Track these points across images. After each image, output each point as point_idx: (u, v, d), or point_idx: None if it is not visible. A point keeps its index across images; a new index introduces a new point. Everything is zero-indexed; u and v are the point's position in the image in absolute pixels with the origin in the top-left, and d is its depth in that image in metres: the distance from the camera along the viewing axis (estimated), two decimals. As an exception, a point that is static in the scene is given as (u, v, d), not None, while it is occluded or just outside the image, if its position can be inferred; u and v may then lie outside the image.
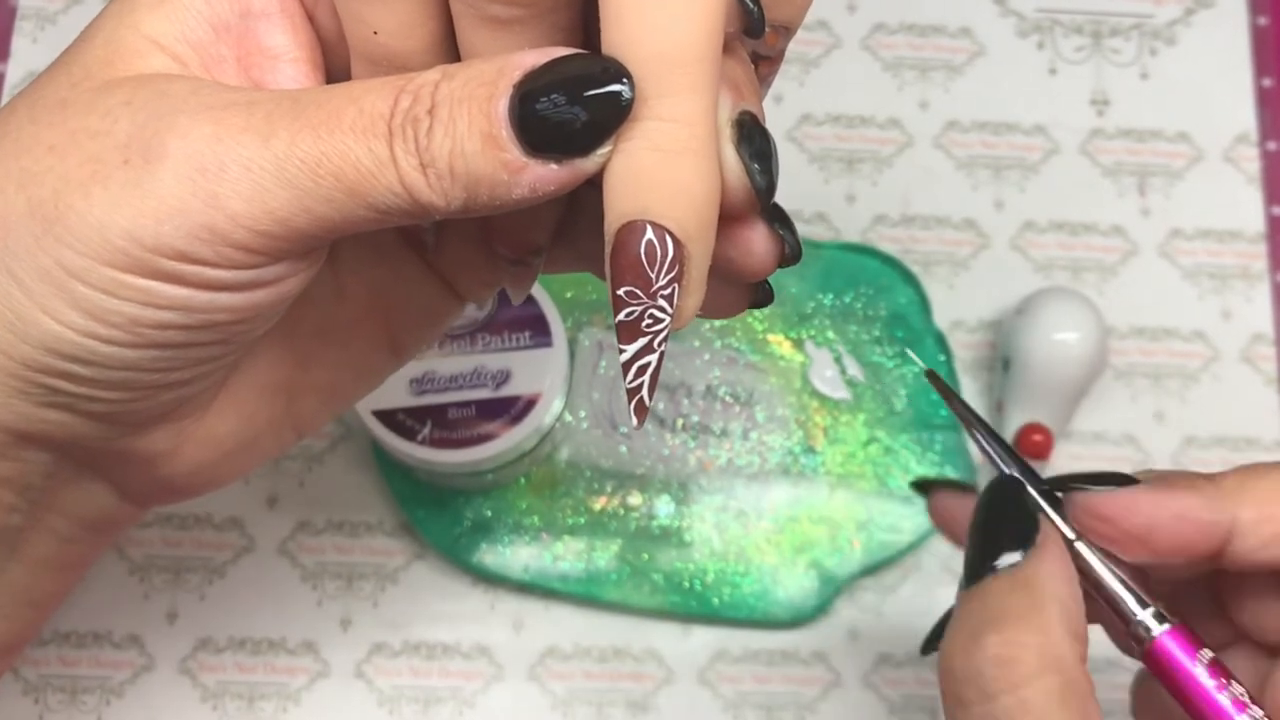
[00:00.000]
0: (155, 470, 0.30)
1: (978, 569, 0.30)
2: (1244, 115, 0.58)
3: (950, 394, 0.34)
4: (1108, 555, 0.31)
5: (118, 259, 0.25)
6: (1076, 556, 0.31)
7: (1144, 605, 0.31)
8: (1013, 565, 0.30)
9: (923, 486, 0.37)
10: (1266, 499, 0.31)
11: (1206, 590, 0.34)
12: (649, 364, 0.25)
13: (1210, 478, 0.31)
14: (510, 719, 0.50)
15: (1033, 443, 0.50)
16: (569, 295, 0.53)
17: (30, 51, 0.57)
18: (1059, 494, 0.32)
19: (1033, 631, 0.28)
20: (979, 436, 0.33)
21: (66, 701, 0.49)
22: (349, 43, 0.27)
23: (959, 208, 0.56)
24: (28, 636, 0.34)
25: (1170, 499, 0.31)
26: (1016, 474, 0.32)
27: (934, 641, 0.34)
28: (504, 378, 0.47)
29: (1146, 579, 0.32)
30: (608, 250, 0.25)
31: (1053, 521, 0.31)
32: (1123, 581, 0.31)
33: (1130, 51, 0.59)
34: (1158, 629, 0.31)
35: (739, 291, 0.29)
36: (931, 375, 0.34)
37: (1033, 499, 0.32)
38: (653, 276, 0.24)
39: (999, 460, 0.33)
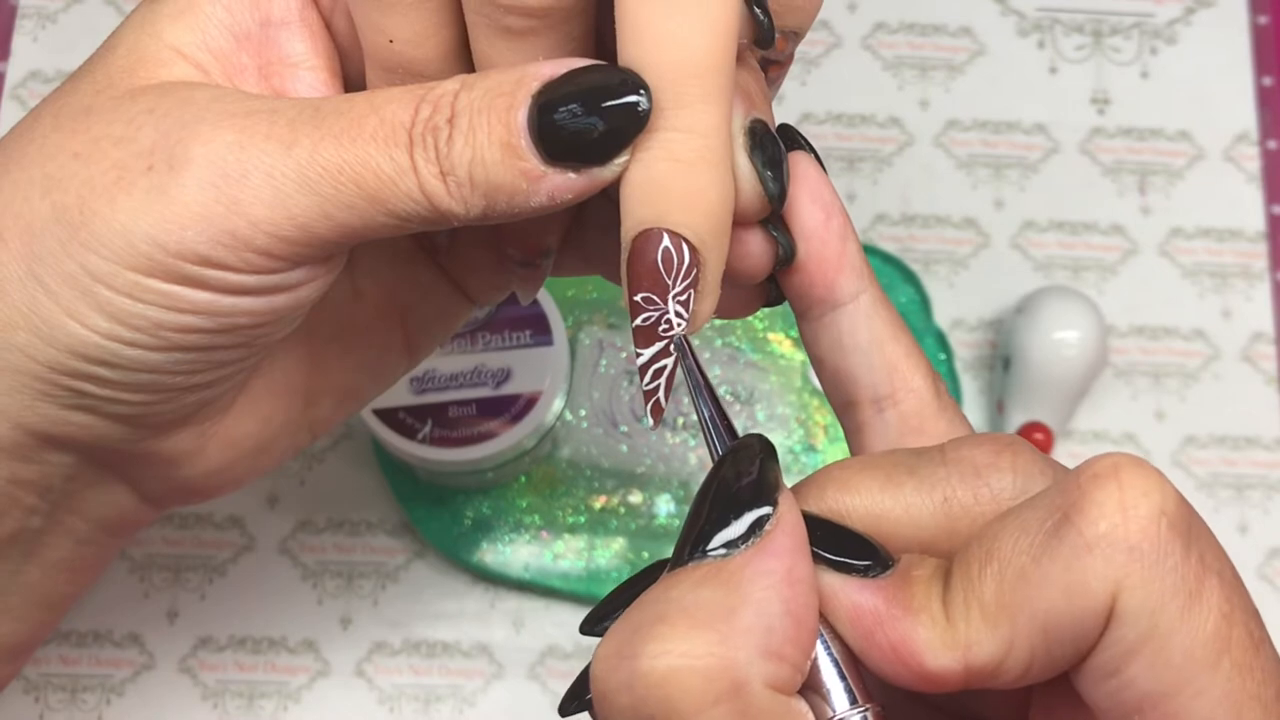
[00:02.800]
0: (175, 472, 0.31)
1: (686, 551, 0.23)
2: (1244, 114, 0.58)
3: (693, 361, 0.26)
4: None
5: (141, 264, 0.26)
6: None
7: (853, 702, 0.23)
8: (723, 552, 0.22)
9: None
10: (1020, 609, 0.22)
11: None
12: (665, 367, 0.26)
13: (945, 589, 0.23)
14: (510, 718, 0.50)
15: (1033, 441, 0.51)
16: (570, 294, 0.53)
17: (31, 50, 0.57)
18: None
19: (709, 642, 0.21)
20: (703, 410, 0.26)
21: (67, 700, 0.49)
22: (365, 50, 0.28)
23: (959, 207, 0.56)
24: (40, 638, 0.34)
25: (894, 624, 0.23)
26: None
27: (591, 622, 0.26)
28: (504, 376, 0.47)
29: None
30: (624, 257, 0.25)
31: (806, 515, 0.23)
32: (834, 660, 0.23)
33: (1131, 50, 0.59)
34: None
35: (752, 291, 0.29)
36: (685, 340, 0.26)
37: (777, 470, 0.23)
38: (669, 283, 0.25)
39: (714, 442, 0.25)
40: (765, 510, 0.22)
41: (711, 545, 0.22)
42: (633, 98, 0.24)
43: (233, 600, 0.50)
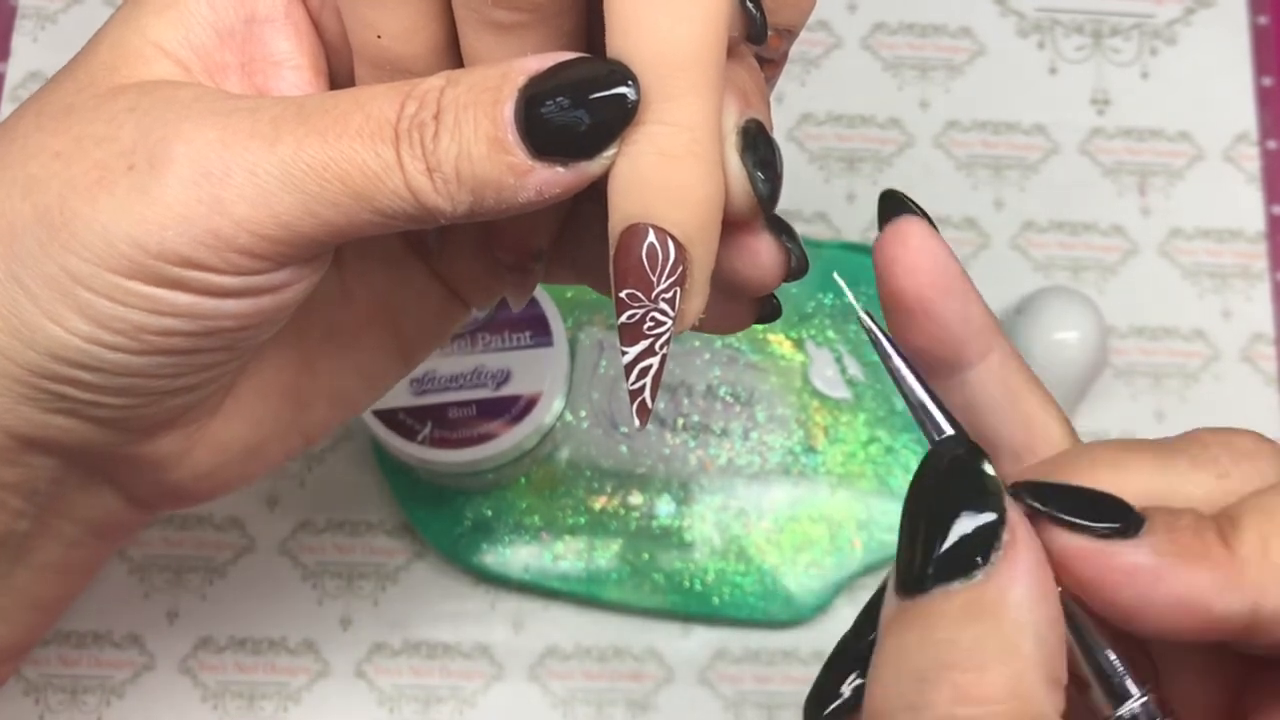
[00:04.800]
0: (163, 475, 0.30)
1: (916, 572, 0.22)
2: (1244, 114, 0.58)
3: (887, 344, 0.26)
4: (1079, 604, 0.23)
5: (123, 265, 0.25)
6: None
7: (1133, 690, 0.23)
8: (969, 577, 0.21)
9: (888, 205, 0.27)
10: None
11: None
12: (651, 366, 0.25)
13: (1225, 537, 0.23)
14: (510, 719, 0.50)
15: (1033, 442, 0.51)
16: (569, 295, 0.53)
17: (30, 51, 0.57)
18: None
19: (1004, 683, 0.20)
20: (913, 395, 0.25)
21: (67, 701, 0.49)
22: (353, 46, 0.28)
23: (959, 207, 0.56)
24: (33, 641, 0.34)
25: (1175, 574, 0.22)
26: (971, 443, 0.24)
27: (825, 695, 0.25)
28: (504, 377, 0.47)
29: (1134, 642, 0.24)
30: (611, 252, 0.25)
31: (1025, 514, 0.23)
32: (1100, 651, 0.23)
33: (1130, 51, 0.59)
34: None
35: (746, 306, 0.29)
36: (869, 316, 0.26)
37: (995, 478, 0.23)
38: (654, 279, 0.24)
39: (934, 429, 0.24)
40: (993, 517, 0.22)
41: (947, 568, 0.22)
42: (620, 89, 0.24)
43: (233, 601, 0.50)
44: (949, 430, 0.24)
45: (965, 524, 0.22)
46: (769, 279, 0.27)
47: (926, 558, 0.22)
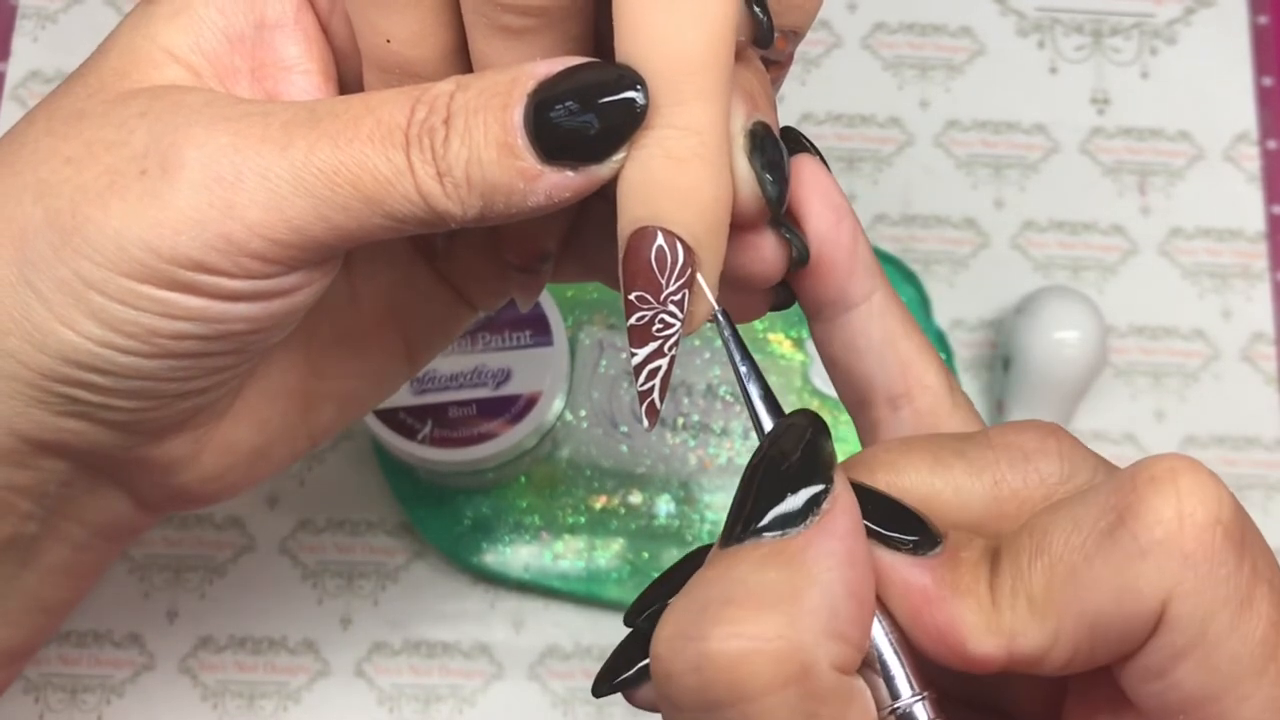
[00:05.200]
0: (171, 478, 0.30)
1: (738, 528, 0.22)
2: (1244, 114, 0.58)
3: (738, 343, 0.26)
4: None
5: (135, 270, 0.25)
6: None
7: (911, 687, 0.23)
8: (784, 534, 0.22)
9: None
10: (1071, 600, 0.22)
11: None
12: (660, 368, 0.25)
13: (990, 576, 0.23)
14: (510, 718, 0.50)
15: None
16: (570, 294, 0.53)
17: (31, 51, 0.57)
18: None
19: (778, 625, 0.21)
20: (752, 394, 0.26)
21: (67, 700, 0.49)
22: (362, 51, 0.28)
23: (959, 207, 0.56)
24: (39, 643, 0.34)
25: (942, 606, 0.23)
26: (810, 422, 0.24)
27: (620, 661, 0.26)
28: (504, 376, 0.47)
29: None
30: (620, 255, 0.25)
31: (854, 486, 0.23)
32: (894, 647, 0.23)
33: (1130, 50, 0.59)
34: None
35: (759, 295, 0.29)
36: (725, 314, 0.26)
37: (831, 446, 0.23)
38: (663, 282, 0.25)
39: (760, 420, 0.25)
40: (820, 487, 0.22)
41: (766, 523, 0.22)
42: (629, 94, 0.24)
43: (233, 600, 0.50)
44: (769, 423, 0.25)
45: (798, 490, 0.22)
46: (772, 272, 0.27)
47: (752, 515, 0.22)
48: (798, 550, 0.22)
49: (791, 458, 0.23)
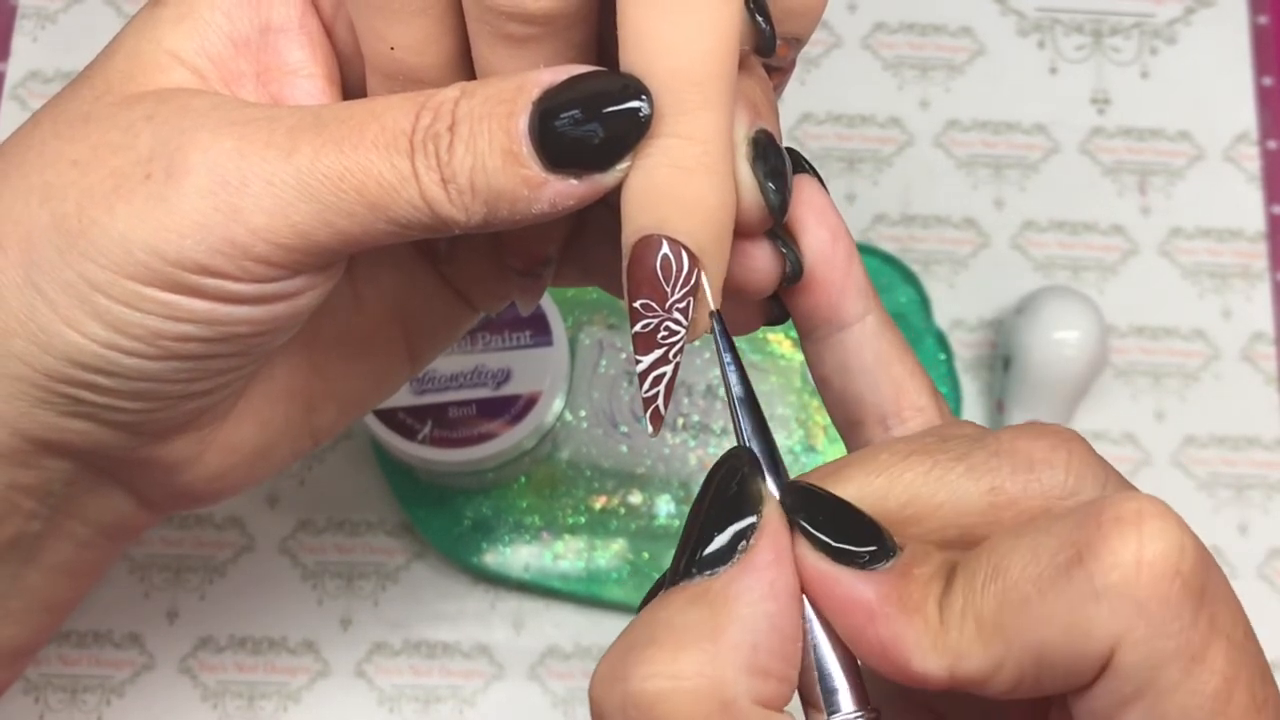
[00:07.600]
0: (175, 478, 0.31)
1: (678, 569, 0.23)
2: (1244, 114, 0.58)
3: (728, 345, 0.26)
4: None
5: (140, 272, 0.25)
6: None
7: (841, 707, 0.23)
8: (713, 573, 0.22)
9: None
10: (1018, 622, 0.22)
11: None
12: (664, 374, 0.25)
13: (943, 593, 0.23)
14: (510, 718, 0.50)
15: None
16: (569, 294, 0.53)
17: (30, 50, 0.57)
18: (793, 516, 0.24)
19: (697, 663, 0.21)
20: (733, 403, 0.26)
21: (67, 701, 0.49)
22: (365, 58, 0.28)
23: (959, 207, 0.56)
24: (41, 641, 0.34)
25: (887, 622, 0.23)
26: (755, 449, 0.25)
27: None
28: (504, 377, 0.47)
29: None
30: (625, 263, 0.25)
31: (813, 494, 0.24)
32: (841, 659, 0.23)
33: (1131, 50, 0.59)
34: None
35: (751, 309, 0.29)
36: (717, 316, 0.26)
37: (760, 483, 0.24)
38: (668, 290, 0.25)
39: (742, 434, 0.25)
40: (748, 522, 0.23)
41: (700, 563, 0.23)
42: (634, 104, 0.24)
43: (233, 600, 0.50)
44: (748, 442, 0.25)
45: (725, 529, 0.23)
46: (766, 283, 0.27)
47: (683, 558, 0.23)
48: (721, 588, 0.22)
49: (723, 497, 0.23)
